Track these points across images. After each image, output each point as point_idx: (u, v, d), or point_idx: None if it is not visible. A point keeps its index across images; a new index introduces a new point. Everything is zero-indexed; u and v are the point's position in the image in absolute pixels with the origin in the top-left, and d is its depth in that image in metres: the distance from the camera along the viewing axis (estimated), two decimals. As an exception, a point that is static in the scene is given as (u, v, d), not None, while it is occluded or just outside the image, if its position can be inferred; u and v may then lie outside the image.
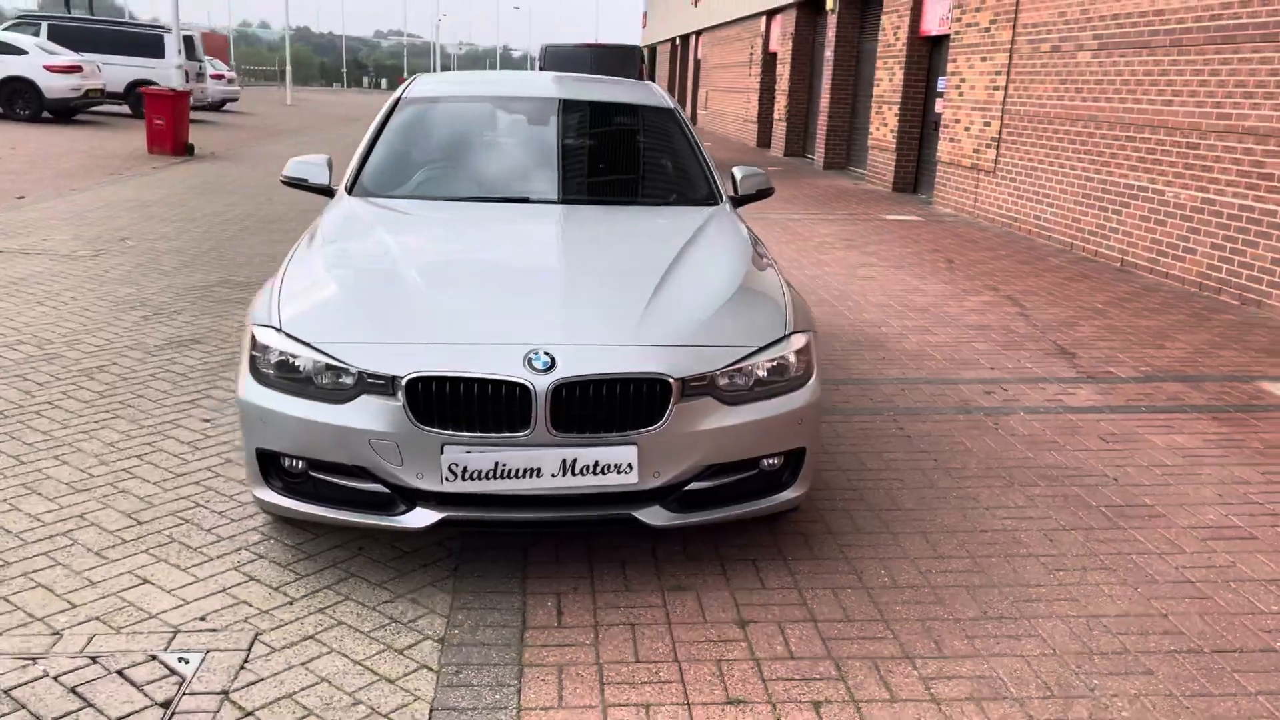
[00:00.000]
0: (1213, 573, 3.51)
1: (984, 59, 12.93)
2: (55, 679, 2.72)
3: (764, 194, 4.81)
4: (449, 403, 3.02)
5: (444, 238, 3.87)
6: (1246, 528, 3.87)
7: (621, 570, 3.41)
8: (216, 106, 32.59)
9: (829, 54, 20.45)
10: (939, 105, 15.03)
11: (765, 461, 3.32)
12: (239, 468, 4.18)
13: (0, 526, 3.60)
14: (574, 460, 3.03)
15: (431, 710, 2.64)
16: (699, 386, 3.14)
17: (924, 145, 16.05)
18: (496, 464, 3.02)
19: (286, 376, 3.18)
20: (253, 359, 3.27)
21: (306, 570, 3.36)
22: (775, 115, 24.85)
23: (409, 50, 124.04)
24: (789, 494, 3.39)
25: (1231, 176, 8.23)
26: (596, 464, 3.05)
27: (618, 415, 3.07)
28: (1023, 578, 3.44)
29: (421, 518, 3.10)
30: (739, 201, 4.77)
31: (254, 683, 2.73)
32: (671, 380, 3.08)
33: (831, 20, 20.23)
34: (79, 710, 2.59)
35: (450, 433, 3.02)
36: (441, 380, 3.02)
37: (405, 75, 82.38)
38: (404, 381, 3.02)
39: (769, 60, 26.62)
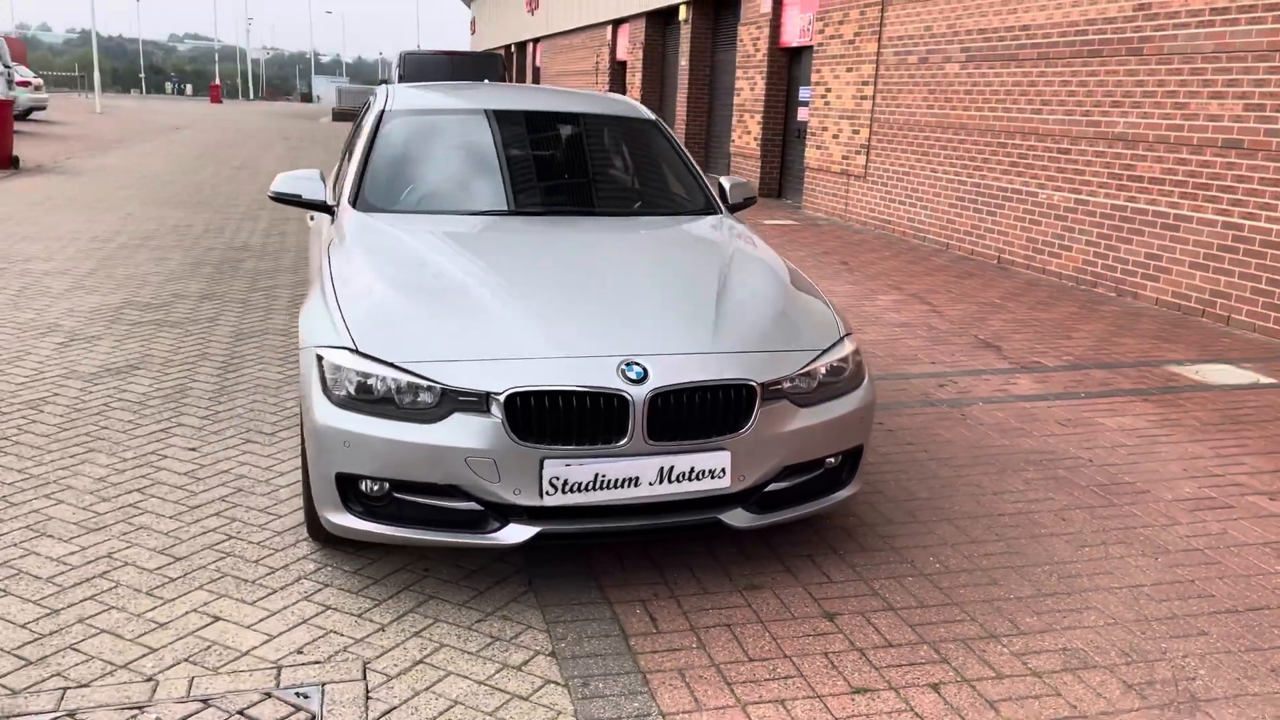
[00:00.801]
0: (1212, 540, 3.87)
1: (850, 69, 13.53)
2: (175, 725, 2.59)
3: (749, 202, 4.97)
4: (547, 417, 3.04)
5: (489, 252, 3.84)
6: (1221, 499, 4.28)
7: (691, 574, 3.49)
8: (23, 115, 30.38)
9: (684, 64, 20.90)
10: (804, 114, 15.62)
11: (828, 460, 3.46)
12: (256, 496, 4.03)
13: (25, 572, 3.37)
14: (671, 468, 3.10)
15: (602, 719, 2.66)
16: (776, 391, 3.26)
17: (787, 152, 16.63)
18: (596, 475, 3.05)
19: (367, 399, 3.11)
20: (326, 382, 3.18)
21: (381, 595, 3.29)
22: (626, 123, 25.13)
23: (213, 54, 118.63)
24: (848, 490, 3.55)
25: (1103, 179, 8.94)
26: (692, 470, 3.12)
27: (707, 422, 3.15)
28: (1055, 555, 3.71)
29: (516, 534, 3.10)
30: (731, 210, 4.91)
31: (389, 711, 2.68)
32: (755, 385, 3.19)
33: (685, 31, 20.68)
34: (219, 755, 2.48)
35: (550, 447, 3.03)
36: (540, 395, 3.03)
37: (218, 80, 78.29)
38: (503, 398, 3.01)
39: (618, 69, 26.94)
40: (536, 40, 37.52)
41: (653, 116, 5.19)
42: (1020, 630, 3.18)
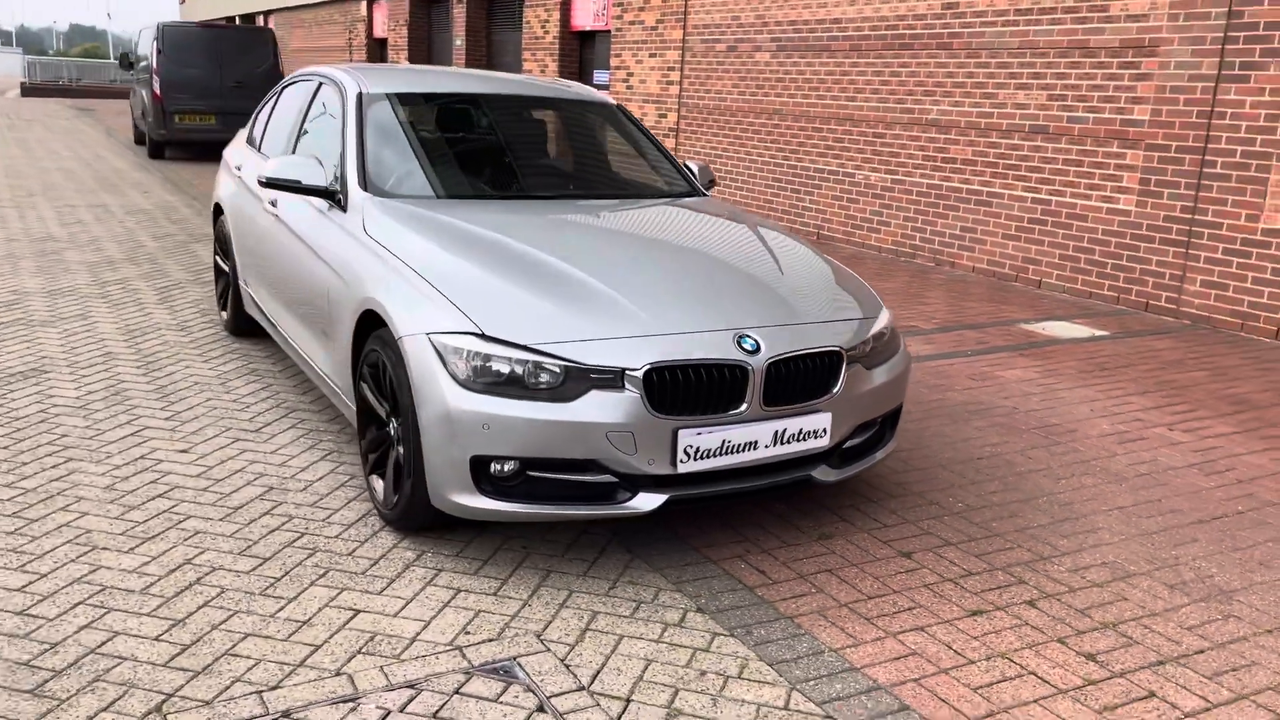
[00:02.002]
0: (1151, 466, 4.59)
1: (653, 55, 14.01)
2: (403, 710, 2.61)
3: (712, 184, 5.25)
4: (680, 390, 3.23)
5: (545, 236, 3.90)
6: (1134, 432, 5.05)
7: (765, 531, 3.78)
8: None
9: (459, 43, 20.69)
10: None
11: (879, 417, 3.85)
12: (296, 494, 3.93)
13: (111, 586, 3.17)
14: (784, 430, 3.38)
15: (773, 663, 2.90)
16: (853, 355, 3.60)
17: (579, 134, 16.92)
18: (723, 442, 3.28)
19: (498, 381, 3.17)
20: (452, 368, 3.20)
21: (499, 574, 3.36)
22: (390, 103, 24.51)
23: None
24: (892, 444, 3.96)
25: (918, 161, 9.89)
26: (800, 431, 3.42)
27: (807, 387, 3.45)
28: (1043, 488, 4.29)
29: (648, 501, 3.27)
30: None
31: (596, 674, 2.81)
32: (842, 351, 3.52)
33: (459, 10, 20.47)
34: (468, 732, 2.54)
35: (683, 418, 3.23)
36: (674, 368, 3.22)
37: None
38: (641, 373, 3.17)
39: (376, 46, 26.18)
40: (268, 13, 35.57)
41: (614, 102, 5.36)
42: (1060, 551, 3.71)
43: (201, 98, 16.75)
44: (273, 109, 5.76)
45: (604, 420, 3.16)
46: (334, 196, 4.29)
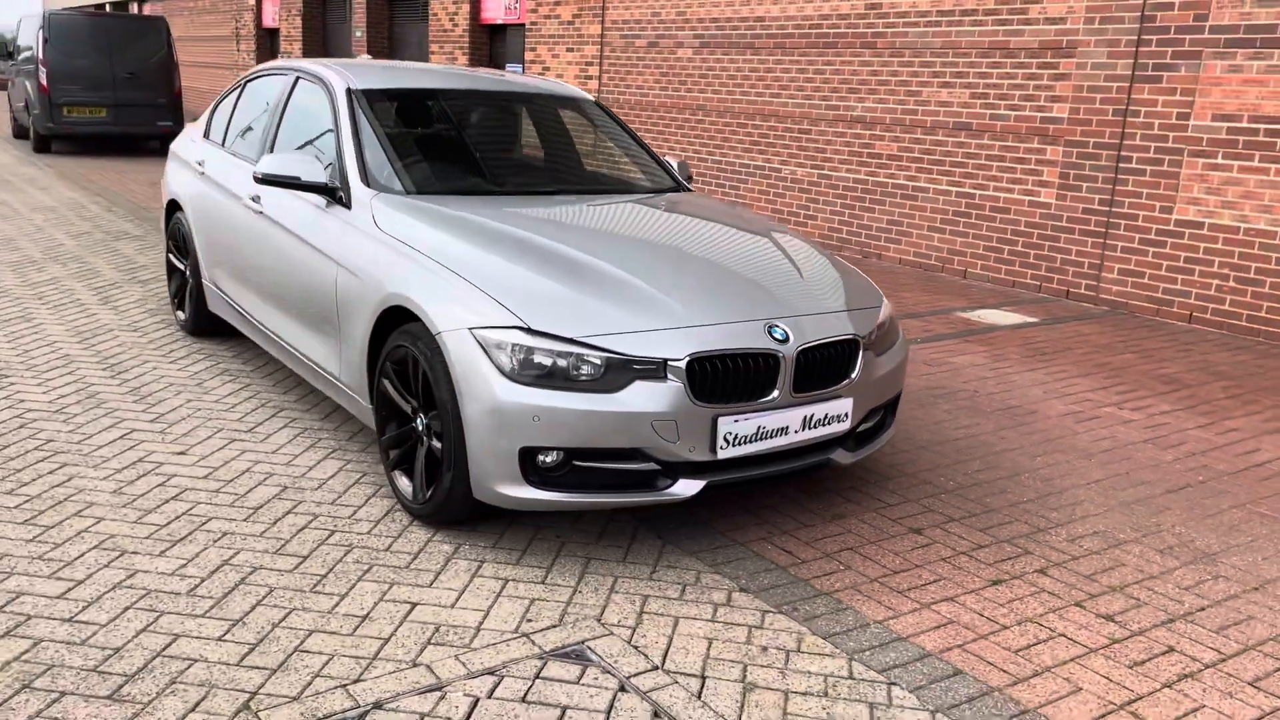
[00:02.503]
0: (1110, 442, 4.91)
1: (570, 49, 14.06)
2: (491, 696, 2.67)
3: (690, 179, 5.38)
4: (718, 378, 3.35)
5: (567, 230, 3.96)
6: (1087, 412, 5.38)
7: (781, 514, 3.93)
8: None
9: (359, 35, 20.33)
10: (510, 90, 15.91)
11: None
12: (313, 492, 3.91)
13: (157, 590, 3.13)
14: (811, 415, 3.54)
15: (826, 636, 3.05)
16: (867, 343, 3.78)
17: (491, 128, 16.83)
18: (759, 428, 3.42)
19: (544, 374, 3.24)
20: (498, 362, 3.25)
21: (541, 563, 3.43)
22: (285, 96, 23.91)
23: None
24: (891, 429, 4.16)
25: (844, 156, 10.21)
26: (825, 416, 3.58)
27: (829, 374, 3.61)
28: (1022, 466, 4.55)
29: (688, 487, 3.38)
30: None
31: (666, 653, 2.91)
32: (859, 339, 3.70)
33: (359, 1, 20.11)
34: (559, 709, 2.61)
35: (722, 405, 3.35)
36: (714, 358, 3.34)
37: None
38: (684, 363, 3.28)
39: (265, 36, 25.48)
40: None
41: (593, 97, 5.43)
42: (1053, 523, 3.96)
43: (92, 89, 16.10)
44: (235, 104, 5.64)
45: (649, 410, 3.26)
46: (334, 193, 4.26)
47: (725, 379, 3.37)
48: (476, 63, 16.64)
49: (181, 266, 5.99)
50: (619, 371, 3.27)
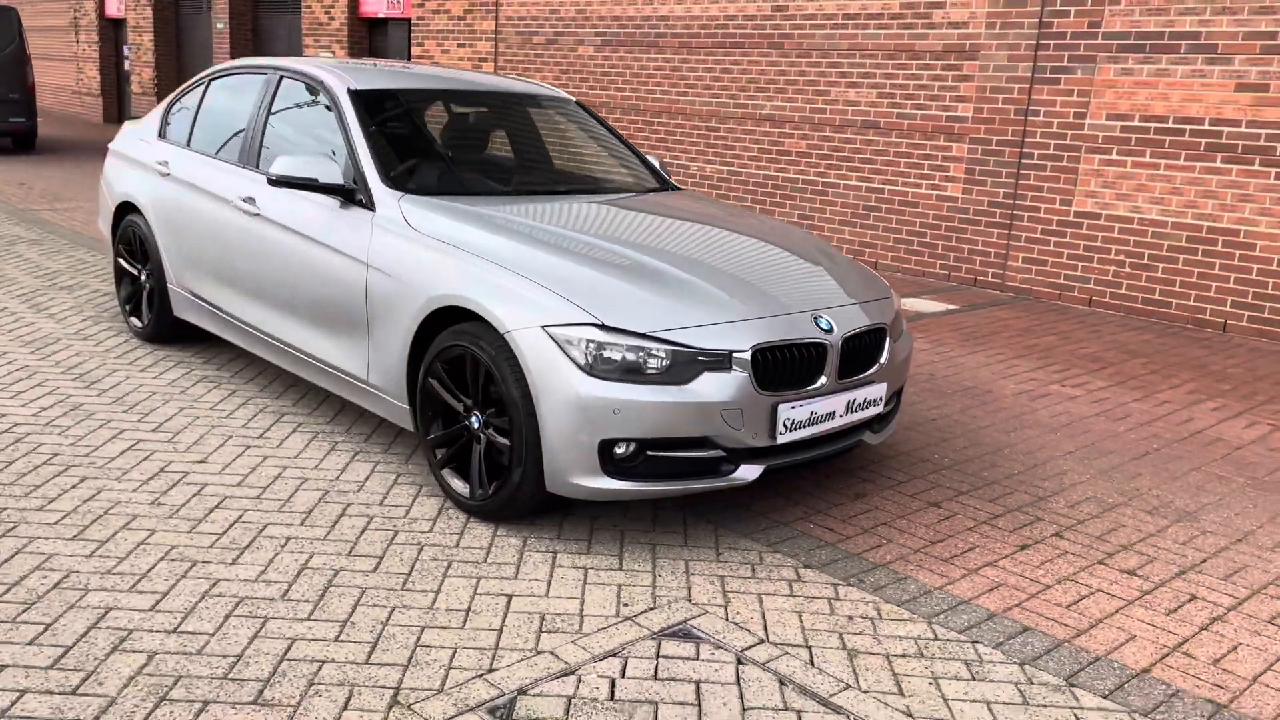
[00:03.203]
0: (1067, 417, 5.35)
1: (462, 45, 13.97)
2: (624, 676, 2.80)
3: (669, 176, 5.54)
4: (777, 368, 3.55)
5: (603, 228, 4.06)
6: (1036, 390, 5.82)
7: (805, 495, 4.16)
8: None
9: (221, 26, 19.57)
10: (395, 86, 15.67)
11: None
12: (356, 494, 3.92)
13: (249, 596, 3.11)
14: (854, 400, 3.78)
15: (900, 604, 3.29)
16: (890, 331, 4.05)
17: (373, 124, 16.54)
18: (811, 413, 3.63)
19: (617, 368, 3.37)
20: (574, 357, 3.36)
21: (610, 552, 3.56)
22: (135, 89, 22.82)
23: None
24: (898, 414, 4.44)
25: (754, 153, 10.56)
26: (864, 400, 3.82)
27: (863, 361, 3.86)
28: (1002, 441, 4.92)
29: (750, 472, 3.57)
30: (665, 186, 5.45)
31: (771, 623, 3.10)
32: (886, 327, 3.96)
33: (222, -8, 19.36)
34: (693, 683, 2.76)
35: (781, 393, 3.55)
36: (774, 348, 3.53)
37: None
38: (748, 354, 3.46)
39: (108, 28, 24.19)
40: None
41: (573, 98, 5.52)
42: (1049, 492, 4.33)
43: (-63, 83, 15.04)
44: (200, 103, 5.49)
45: (718, 399, 3.43)
46: (351, 195, 4.25)
47: (781, 368, 3.57)
48: (356, 54, 16.31)
49: (135, 271, 5.79)
50: (687, 364, 3.43)
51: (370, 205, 4.19)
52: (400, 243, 3.98)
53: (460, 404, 3.76)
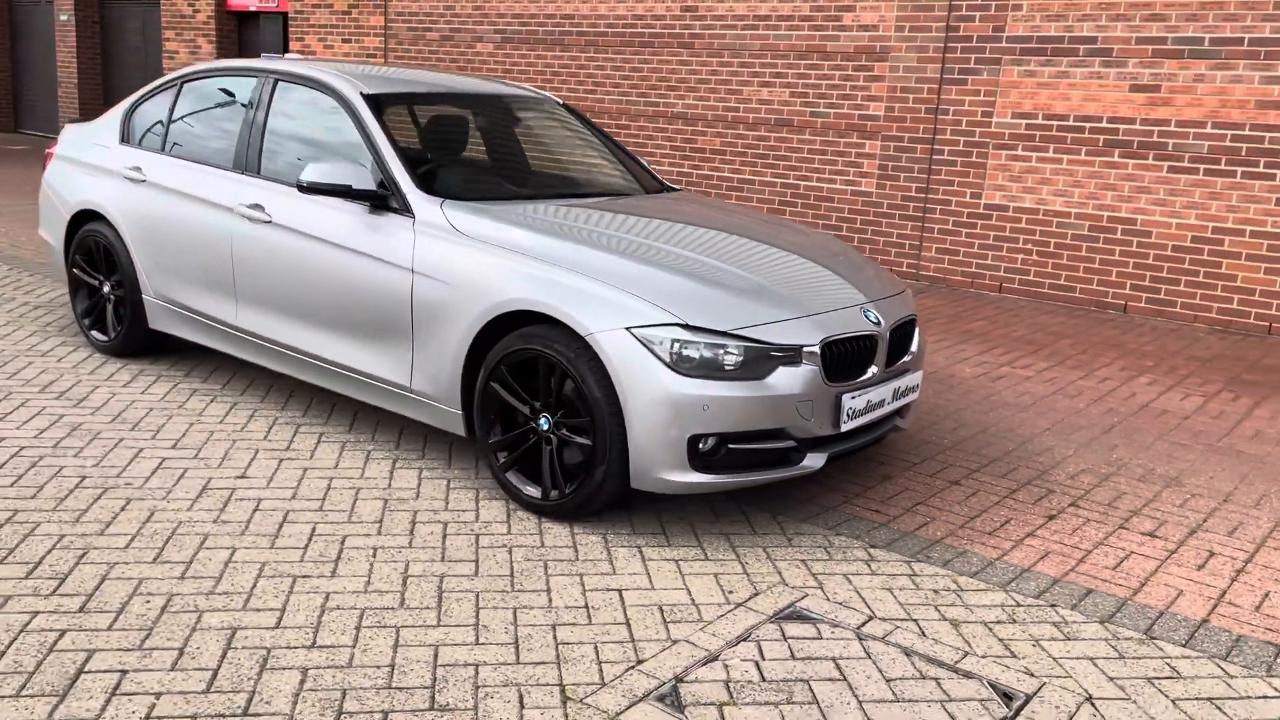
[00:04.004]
0: (1031, 396, 5.77)
1: (347, 40, 13.65)
2: (764, 658, 2.95)
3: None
4: (839, 360, 3.76)
5: (655, 231, 4.15)
6: (991, 372, 6.23)
7: (836, 479, 4.39)
8: None
9: (65, 18, 18.43)
10: (271, 82, 15.15)
11: (904, 375, 4.61)
12: (402, 502, 3.92)
13: (366, 608, 3.11)
14: (899, 387, 4.03)
15: (973, 575, 3.55)
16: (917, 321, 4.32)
17: (246, 121, 15.94)
18: (867, 402, 3.86)
19: (700, 365, 3.51)
20: (662, 356, 3.47)
21: (689, 543, 3.70)
22: (-37, 84, 21.21)
23: None
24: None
25: (667, 150, 10.76)
26: (906, 388, 4.08)
27: (901, 351, 4.11)
28: (984, 420, 5.28)
29: (816, 460, 3.77)
30: (656, 187, 5.57)
31: (868, 605, 3.30)
32: (917, 316, 4.22)
33: (66, -19, 18.22)
34: (831, 660, 2.94)
35: (842, 384, 3.76)
36: (838, 342, 3.74)
37: None
38: (818, 348, 3.66)
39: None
40: None
41: (560, 100, 5.57)
42: (1046, 465, 4.69)
43: None
44: (173, 107, 5.27)
45: (793, 392, 3.61)
46: (384, 201, 4.22)
47: (842, 360, 3.78)
48: (224, 51, 15.69)
49: (96, 282, 5.52)
50: (763, 360, 3.59)
51: (406, 211, 4.18)
52: (451, 248, 3.99)
53: (526, 407, 3.81)
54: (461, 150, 4.90)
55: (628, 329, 3.53)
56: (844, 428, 3.79)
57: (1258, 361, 6.83)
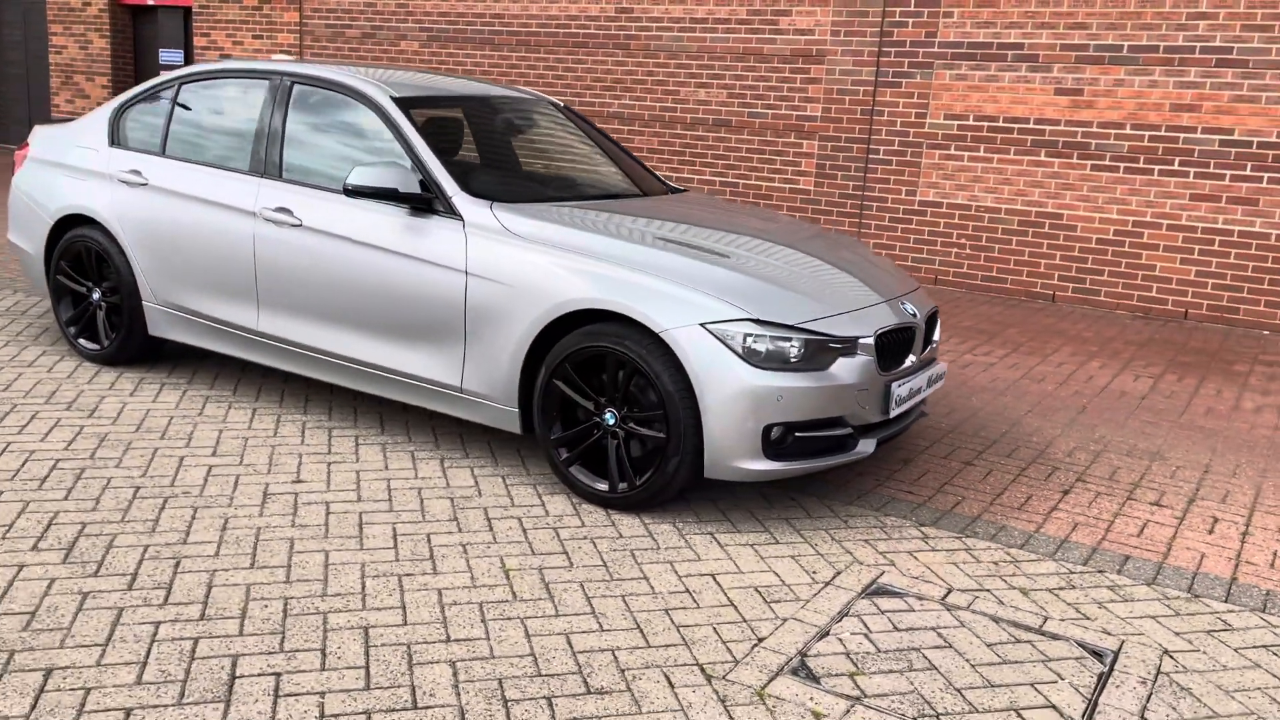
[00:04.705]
0: (1005, 382, 6.15)
1: (258, 36, 13.32)
2: (871, 631, 3.15)
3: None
4: (887, 350, 4.00)
5: (700, 231, 4.29)
6: (958, 360, 6.60)
7: (863, 467, 4.63)
8: None
9: (-67, 10, 17.36)
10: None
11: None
12: (478, 499, 3.99)
13: (484, 601, 3.19)
14: (933, 375, 4.29)
15: (1021, 548, 3.83)
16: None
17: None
18: (910, 389, 4.11)
19: (773, 358, 3.69)
20: (737, 350, 3.64)
21: (754, 528, 3.87)
22: None
23: None
24: (918, 384, 5.01)
25: (602, 149, 10.89)
26: (936, 375, 4.35)
27: (929, 341, 4.38)
28: (971, 405, 5.62)
29: (868, 446, 4.00)
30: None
31: (942, 579, 3.54)
32: (938, 308, 4.50)
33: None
34: (931, 630, 3.16)
35: (890, 373, 4.00)
36: (889, 332, 3.98)
37: None
38: (873, 339, 3.89)
39: None
40: None
41: (561, 102, 5.65)
42: (1041, 444, 5.04)
43: None
44: (172, 109, 5.15)
45: (853, 382, 3.83)
46: (429, 204, 4.26)
47: (889, 351, 4.02)
48: (118, 46, 15.08)
49: (84, 289, 5.35)
50: (824, 351, 3.80)
51: (451, 213, 4.23)
52: (508, 250, 4.06)
53: (590, 403, 3.92)
54: (485, 153, 4.96)
55: (702, 325, 3.69)
56: (892, 414, 4.03)
57: (1185, 345, 7.41)
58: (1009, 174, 8.89)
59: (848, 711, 2.74)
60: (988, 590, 3.49)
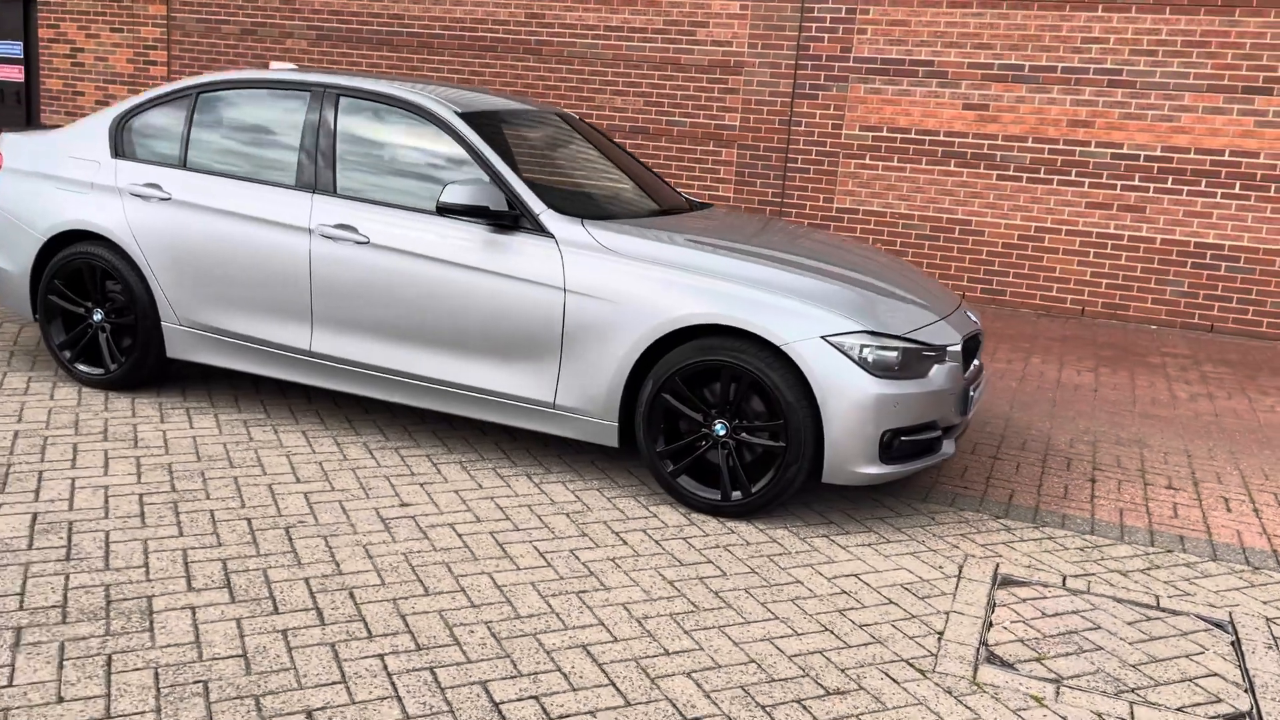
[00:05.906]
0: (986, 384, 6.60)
1: (116, 30, 12.50)
2: (1032, 618, 3.43)
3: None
4: (964, 355, 4.31)
5: (779, 247, 4.45)
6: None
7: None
8: None
9: None
10: (13, 72, 13.53)
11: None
12: (579, 515, 4.04)
13: (643, 618, 3.27)
14: (983, 379, 4.63)
15: (1082, 535, 4.21)
16: (968, 322, 4.95)
17: (-24, 116, 14.09)
18: (978, 391, 4.43)
19: (884, 366, 3.93)
20: (856, 360, 3.85)
21: (856, 529, 4.10)
22: None
23: None
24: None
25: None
26: (985, 379, 4.69)
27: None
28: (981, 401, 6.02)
29: (950, 447, 4.29)
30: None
31: (1030, 567, 3.86)
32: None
33: None
34: (1083, 611, 3.47)
35: (966, 376, 4.31)
36: (967, 339, 4.28)
37: None
38: (960, 347, 4.18)
39: None
40: None
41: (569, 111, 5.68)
42: (1044, 437, 5.49)
43: None
44: (190, 120, 4.87)
45: (947, 387, 4.11)
46: (516, 221, 4.26)
47: (966, 356, 4.34)
48: (-56, 37, 13.79)
49: (83, 310, 5.00)
50: (923, 359, 4.06)
51: (539, 230, 4.24)
52: (609, 266, 4.12)
53: (698, 414, 4.04)
54: (533, 169, 4.96)
55: (823, 337, 3.88)
56: (968, 415, 4.34)
57: (1096, 340, 8.15)
58: (921, 183, 9.48)
59: (1059, 693, 3.00)
60: (1091, 575, 3.84)
